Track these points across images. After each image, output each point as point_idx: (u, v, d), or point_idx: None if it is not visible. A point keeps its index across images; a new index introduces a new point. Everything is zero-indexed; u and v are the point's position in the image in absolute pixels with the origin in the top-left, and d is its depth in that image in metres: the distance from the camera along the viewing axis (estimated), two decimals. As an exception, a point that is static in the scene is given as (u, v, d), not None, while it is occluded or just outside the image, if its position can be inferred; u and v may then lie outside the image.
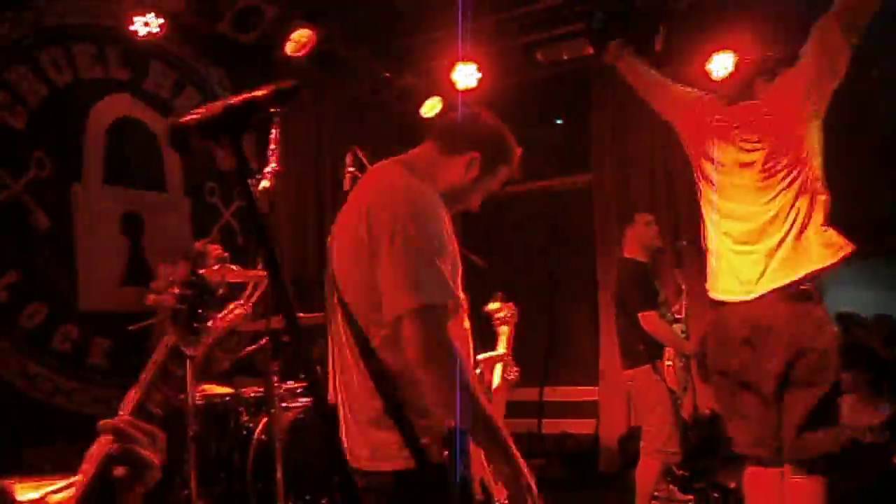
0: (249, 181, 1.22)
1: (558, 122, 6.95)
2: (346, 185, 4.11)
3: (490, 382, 2.28)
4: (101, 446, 1.01)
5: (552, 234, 6.48)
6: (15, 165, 3.90)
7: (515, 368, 2.35)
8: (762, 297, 2.69)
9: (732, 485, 4.17)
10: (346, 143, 3.92)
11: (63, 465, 1.21)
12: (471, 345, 1.93)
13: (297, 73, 5.37)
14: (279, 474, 2.95)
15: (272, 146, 2.96)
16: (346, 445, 1.81)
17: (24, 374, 3.84)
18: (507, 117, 6.45)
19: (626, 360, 4.37)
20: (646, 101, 3.75)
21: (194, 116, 1.02)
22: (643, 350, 4.24)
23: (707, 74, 5.44)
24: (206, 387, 3.54)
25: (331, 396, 1.89)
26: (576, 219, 6.58)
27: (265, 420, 3.33)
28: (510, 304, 2.62)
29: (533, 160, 6.91)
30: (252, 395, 3.56)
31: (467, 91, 5.99)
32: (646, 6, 5.29)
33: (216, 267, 2.65)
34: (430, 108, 6.28)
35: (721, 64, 5.38)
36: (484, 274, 6.43)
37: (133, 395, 1.07)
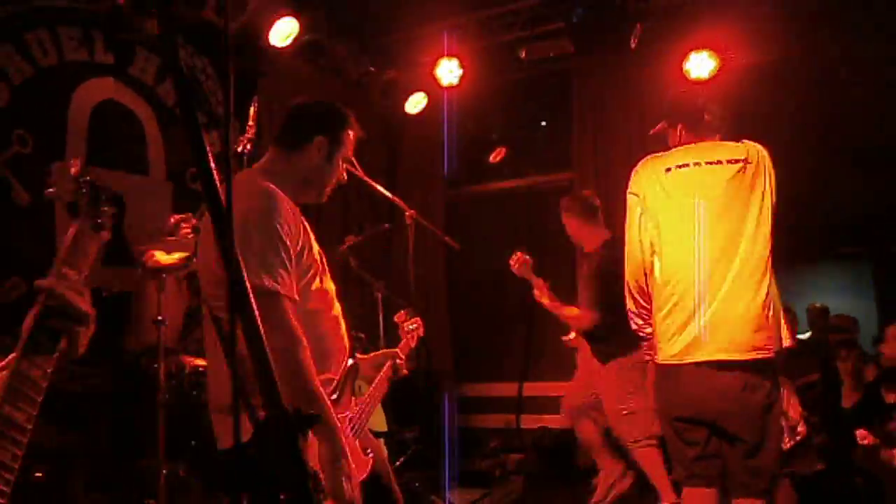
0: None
1: (542, 123, 7.04)
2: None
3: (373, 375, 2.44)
4: (37, 305, 1.16)
5: (533, 230, 6.54)
6: (-4, 141, 3.95)
7: (405, 370, 2.53)
8: None
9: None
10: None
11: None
12: (342, 329, 2.13)
13: (281, 64, 5.47)
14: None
15: (250, 122, 3.09)
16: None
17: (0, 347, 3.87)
18: (491, 116, 6.62)
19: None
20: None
21: None
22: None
23: (683, 74, 5.54)
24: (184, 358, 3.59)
25: None
26: (557, 216, 6.64)
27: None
28: (416, 318, 2.84)
29: (515, 159, 7.03)
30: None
31: (451, 88, 6.10)
32: (623, 3, 5.39)
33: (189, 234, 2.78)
34: (415, 104, 6.37)
35: (698, 63, 5.48)
36: (467, 266, 6.51)
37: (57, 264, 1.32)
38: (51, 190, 1.42)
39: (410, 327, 2.75)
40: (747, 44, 5.44)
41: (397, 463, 4.30)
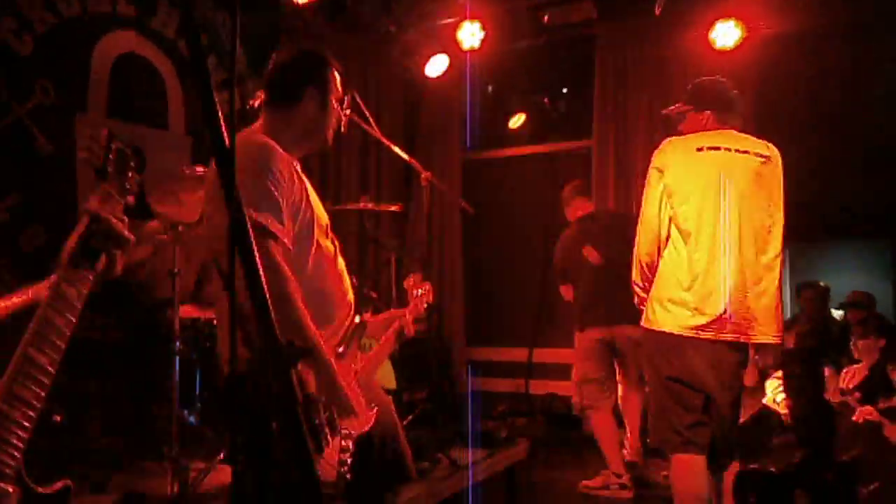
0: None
1: (564, 90, 6.98)
2: (344, 128, 4.23)
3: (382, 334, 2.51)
4: (80, 226, 1.25)
5: (550, 197, 6.54)
6: (19, 90, 3.99)
7: (412, 328, 2.59)
8: None
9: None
10: (349, 92, 4.03)
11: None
12: (345, 284, 2.17)
13: (302, 21, 5.46)
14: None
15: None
16: None
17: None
18: (512, 81, 6.57)
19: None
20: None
21: None
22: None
23: (708, 43, 5.46)
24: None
25: None
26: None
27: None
28: (426, 283, 2.87)
29: (535, 125, 6.99)
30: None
31: (472, 51, 6.06)
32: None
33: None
34: (436, 66, 6.33)
35: (724, 32, 5.39)
36: (483, 231, 6.53)
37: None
38: (83, 154, 1.57)
39: (418, 293, 2.76)
40: (774, 13, 5.35)
41: (405, 421, 4.39)
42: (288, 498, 0.73)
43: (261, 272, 0.84)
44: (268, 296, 0.82)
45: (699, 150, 2.87)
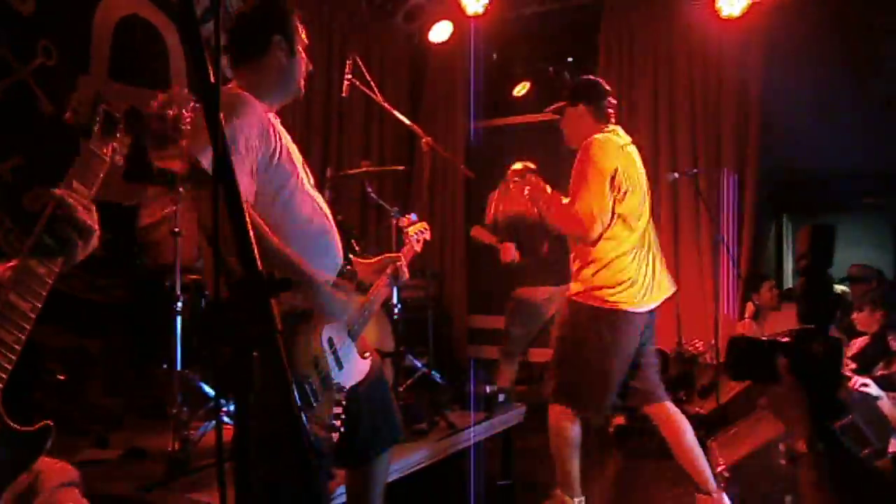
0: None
1: (569, 59, 6.92)
2: (346, 91, 4.21)
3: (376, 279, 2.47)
4: (47, 211, 1.24)
5: (554, 166, 6.51)
6: (22, 51, 3.99)
7: (406, 274, 2.53)
8: None
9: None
10: (350, 56, 4.02)
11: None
12: (333, 231, 2.17)
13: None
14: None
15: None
16: None
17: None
18: (517, 49, 6.50)
19: None
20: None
21: None
22: None
23: (715, 11, 5.41)
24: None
25: None
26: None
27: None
28: (423, 222, 2.85)
29: (540, 93, 6.94)
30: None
31: (476, 17, 6.01)
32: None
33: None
34: (440, 32, 6.29)
35: (730, 0, 5.34)
36: (486, 198, 6.52)
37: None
38: (68, 114, 1.56)
39: (415, 232, 2.73)
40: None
41: (404, 385, 4.43)
42: (271, 428, 0.76)
43: (242, 205, 0.86)
44: (250, 231, 0.84)
45: (622, 147, 3.26)
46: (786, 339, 3.31)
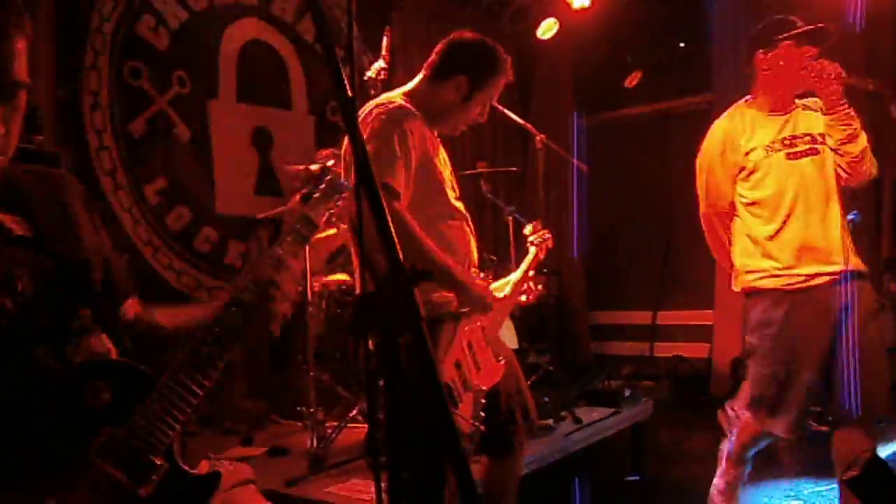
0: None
1: (681, 45, 6.73)
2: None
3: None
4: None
5: (668, 156, 6.37)
6: (159, 82, 4.33)
7: (536, 288, 2.59)
8: None
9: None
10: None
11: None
12: (469, 239, 2.26)
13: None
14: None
15: (383, 52, 3.22)
16: None
17: (172, 268, 4.34)
18: (626, 39, 6.38)
19: None
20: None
21: None
22: None
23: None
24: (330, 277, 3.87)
25: None
26: (695, 141, 6.41)
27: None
28: (545, 230, 2.82)
29: (650, 81, 6.80)
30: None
31: (583, 11, 5.95)
32: None
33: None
34: (546, 29, 6.27)
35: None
36: (601, 193, 6.44)
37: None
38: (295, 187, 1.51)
39: (539, 239, 2.77)
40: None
41: (528, 383, 4.46)
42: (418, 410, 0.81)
43: (384, 204, 0.93)
44: (392, 230, 0.90)
45: None
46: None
